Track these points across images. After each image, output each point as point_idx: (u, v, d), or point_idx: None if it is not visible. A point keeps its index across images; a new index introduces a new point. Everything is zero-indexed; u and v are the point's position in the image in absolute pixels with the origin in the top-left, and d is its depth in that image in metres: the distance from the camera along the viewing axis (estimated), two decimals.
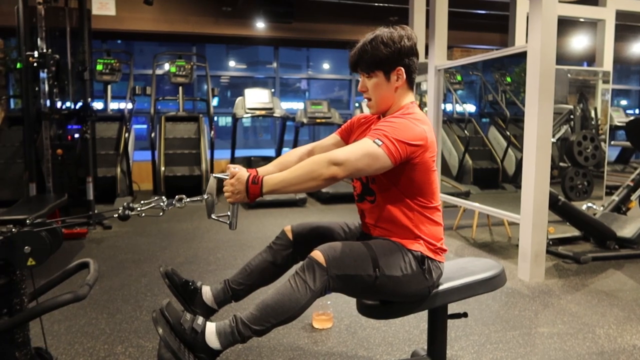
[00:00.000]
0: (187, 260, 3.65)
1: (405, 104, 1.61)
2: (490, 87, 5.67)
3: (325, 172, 1.39)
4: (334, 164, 1.39)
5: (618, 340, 2.35)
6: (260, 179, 1.42)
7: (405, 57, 1.57)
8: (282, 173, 1.44)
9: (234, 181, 1.45)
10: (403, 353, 2.20)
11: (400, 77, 1.58)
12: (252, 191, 1.42)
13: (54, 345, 2.23)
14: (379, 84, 1.59)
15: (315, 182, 1.40)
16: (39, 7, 4.44)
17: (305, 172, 1.40)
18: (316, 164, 1.40)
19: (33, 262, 1.33)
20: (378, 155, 1.42)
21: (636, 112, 14.07)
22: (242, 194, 1.43)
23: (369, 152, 1.42)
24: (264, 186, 1.42)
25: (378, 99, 1.61)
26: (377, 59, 1.56)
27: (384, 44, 1.55)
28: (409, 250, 1.55)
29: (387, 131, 1.45)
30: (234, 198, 1.46)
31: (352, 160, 1.40)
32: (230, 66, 13.72)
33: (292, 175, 1.42)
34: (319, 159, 1.41)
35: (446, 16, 4.48)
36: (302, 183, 1.41)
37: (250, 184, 1.42)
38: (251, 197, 1.43)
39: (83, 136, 4.74)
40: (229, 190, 1.46)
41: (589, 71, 5.62)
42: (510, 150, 5.45)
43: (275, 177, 1.43)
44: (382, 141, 1.43)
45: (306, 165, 1.42)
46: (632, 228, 3.81)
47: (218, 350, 1.44)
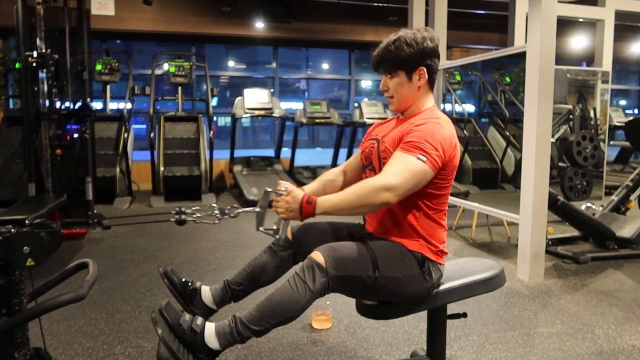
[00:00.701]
0: (186, 260, 3.65)
1: (428, 106, 1.64)
2: (490, 87, 5.67)
3: (377, 199, 1.42)
4: (385, 189, 1.41)
5: (617, 340, 2.35)
6: (314, 200, 1.46)
7: (427, 58, 1.59)
8: (335, 197, 1.47)
9: (289, 199, 1.48)
10: (402, 353, 2.20)
11: (422, 77, 1.60)
12: (305, 211, 1.46)
13: (53, 345, 2.23)
14: (401, 83, 1.61)
15: (368, 208, 1.47)
16: (38, 7, 4.43)
17: (358, 198, 1.44)
18: (368, 191, 1.43)
19: (32, 262, 1.32)
20: (425, 172, 1.46)
21: (635, 112, 14.09)
22: (295, 212, 1.47)
23: (417, 171, 1.45)
24: (317, 207, 1.46)
25: (399, 98, 1.63)
26: (400, 59, 1.58)
27: (407, 44, 1.56)
28: (410, 251, 1.55)
29: (424, 142, 1.47)
30: (287, 215, 1.49)
31: (402, 184, 1.43)
32: (230, 66, 13.72)
33: (345, 200, 1.45)
34: (370, 186, 1.43)
35: (445, 16, 4.48)
36: (354, 209, 1.45)
37: (305, 204, 1.46)
38: (304, 216, 1.47)
39: (82, 136, 4.74)
40: (283, 207, 1.49)
41: (588, 71, 5.62)
42: (510, 150, 5.45)
43: (328, 200, 1.47)
44: (426, 157, 1.46)
45: (359, 191, 1.44)
46: (631, 228, 3.82)
47: (217, 351, 1.44)
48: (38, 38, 4.41)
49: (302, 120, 7.11)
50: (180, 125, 6.83)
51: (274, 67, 10.11)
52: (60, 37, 4.94)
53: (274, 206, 1.52)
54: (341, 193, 1.48)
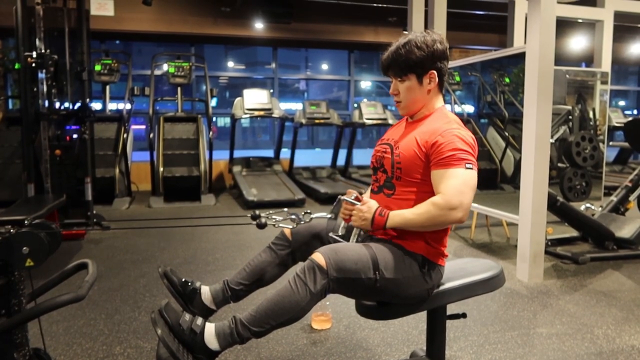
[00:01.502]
0: (185, 260, 3.64)
1: (437, 107, 1.65)
2: (489, 87, 5.68)
3: (447, 219, 1.48)
4: (452, 209, 1.46)
5: (616, 340, 2.36)
6: (387, 214, 1.53)
7: (437, 61, 1.60)
8: (407, 214, 1.52)
9: (365, 208, 1.55)
10: (402, 354, 2.20)
11: (432, 80, 1.61)
12: (377, 222, 1.53)
13: (53, 346, 2.23)
14: (412, 87, 1.61)
15: (440, 226, 1.53)
16: (38, 8, 4.42)
17: (428, 218, 1.49)
18: (437, 212, 1.47)
19: (31, 262, 1.32)
20: (475, 177, 1.53)
21: (634, 113, 14.10)
22: (367, 222, 1.54)
23: (471, 180, 1.51)
24: (389, 221, 1.52)
25: (409, 102, 1.64)
26: (411, 63, 1.58)
27: (418, 47, 1.57)
28: (410, 252, 1.55)
29: (463, 150, 1.51)
30: (359, 224, 1.56)
31: (465, 199, 1.48)
32: (229, 67, 13.72)
33: (415, 218, 1.50)
34: (438, 207, 1.47)
35: (445, 17, 4.49)
36: (424, 227, 1.52)
37: (377, 215, 1.53)
38: (375, 227, 1.54)
39: (81, 137, 4.73)
40: (357, 216, 1.56)
41: (587, 72, 5.62)
42: (509, 151, 5.45)
43: (400, 215, 1.52)
44: (471, 164, 1.51)
45: (428, 211, 1.49)
46: (631, 229, 3.82)
47: (217, 351, 1.44)
48: (37, 38, 4.41)
49: (302, 121, 7.11)
50: (179, 125, 6.83)
51: (274, 67, 10.11)
52: (60, 37, 4.94)
53: (345, 214, 1.60)
54: (412, 211, 1.52)
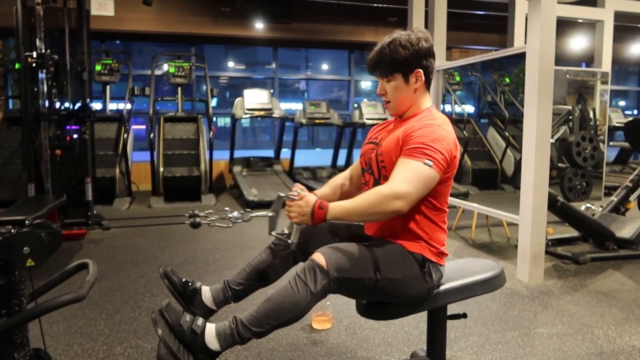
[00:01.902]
0: (186, 260, 3.64)
1: (426, 107, 1.63)
2: (489, 87, 5.68)
3: (388, 207, 1.43)
4: (395, 198, 1.42)
5: (617, 340, 2.35)
6: (326, 206, 1.48)
7: (423, 59, 1.59)
8: (347, 203, 1.48)
9: (302, 203, 1.50)
10: (402, 354, 2.20)
11: (419, 79, 1.60)
12: (317, 215, 1.48)
13: (53, 346, 2.23)
14: (398, 86, 1.60)
15: (379, 216, 1.47)
16: (38, 8, 4.42)
17: (369, 206, 1.44)
18: (379, 199, 1.43)
19: (32, 262, 1.32)
20: (433, 176, 1.47)
21: (635, 113, 14.10)
22: (307, 217, 1.49)
23: (425, 177, 1.46)
24: (329, 213, 1.47)
25: (397, 101, 1.63)
26: (396, 62, 1.57)
27: (403, 46, 1.56)
28: (410, 252, 1.55)
29: (428, 147, 1.47)
30: (299, 219, 1.51)
31: (412, 191, 1.44)
32: (229, 67, 13.71)
33: (356, 207, 1.46)
34: (380, 194, 1.44)
35: (445, 17, 4.48)
36: (365, 216, 1.47)
37: (317, 209, 1.48)
38: (315, 221, 1.49)
39: (82, 137, 4.73)
40: (296, 212, 1.51)
41: (587, 72, 5.62)
42: (509, 151, 5.46)
43: (340, 205, 1.48)
44: (432, 161, 1.46)
45: (369, 198, 1.45)
46: (631, 229, 3.82)
47: (217, 352, 1.44)
48: (38, 38, 4.41)
49: (302, 121, 7.11)
50: (179, 125, 6.83)
51: (274, 67, 10.11)
52: (60, 37, 4.94)
53: (287, 211, 1.54)
54: (353, 200, 1.49)
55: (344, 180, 1.84)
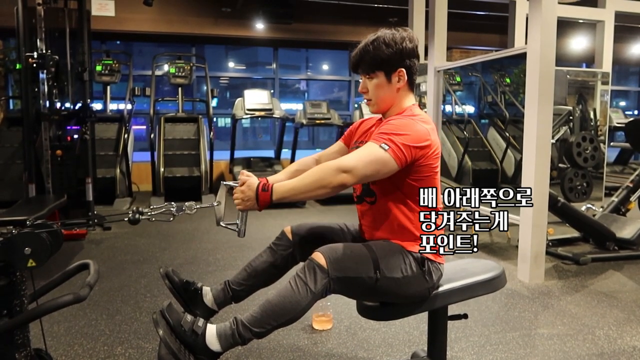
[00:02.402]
0: (186, 261, 3.64)
1: (407, 106, 1.62)
2: (490, 88, 5.68)
3: (334, 179, 1.39)
4: (342, 171, 1.40)
5: (618, 341, 2.35)
6: (270, 187, 1.43)
7: (406, 59, 1.57)
8: (292, 181, 1.45)
9: (244, 188, 1.47)
10: (403, 354, 2.20)
11: (401, 78, 1.59)
12: (262, 198, 1.44)
13: (54, 346, 2.23)
14: (380, 85, 1.59)
15: (325, 189, 1.41)
16: (39, 8, 4.43)
17: (315, 180, 1.41)
18: (325, 172, 1.41)
19: (33, 263, 1.32)
20: (385, 160, 1.43)
21: (635, 113, 14.08)
22: (252, 201, 1.45)
23: (376, 158, 1.42)
24: (274, 193, 1.43)
25: (378, 99, 1.62)
26: (379, 60, 1.56)
27: (386, 44, 1.55)
28: (409, 252, 1.55)
29: (392, 134, 1.45)
30: (244, 205, 1.47)
31: (360, 167, 1.41)
32: (230, 67, 13.71)
33: (301, 183, 1.43)
34: (327, 167, 1.42)
35: (445, 17, 4.48)
36: (311, 191, 1.42)
37: (260, 192, 1.44)
38: (261, 204, 1.45)
39: (82, 137, 4.74)
40: (239, 198, 1.48)
41: (588, 72, 5.63)
42: (510, 151, 5.46)
43: (285, 184, 1.44)
44: (389, 145, 1.43)
45: (315, 173, 1.42)
46: (632, 229, 3.82)
47: (218, 352, 1.44)
48: (38, 39, 4.41)
49: (302, 121, 7.10)
50: (180, 126, 6.83)
51: (274, 68, 10.09)
52: (61, 38, 4.94)
53: (233, 198, 1.50)
54: (298, 177, 1.45)
55: (306, 166, 1.76)
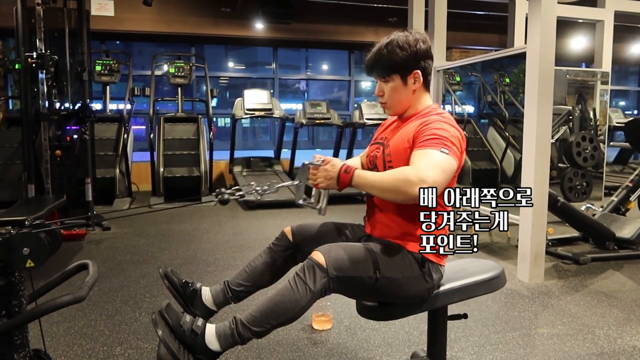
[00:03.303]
0: (186, 261, 3.64)
1: (428, 105, 1.63)
2: (489, 88, 5.68)
3: (412, 190, 1.37)
4: (421, 181, 1.37)
5: (618, 341, 2.35)
6: (352, 170, 1.48)
7: (421, 60, 1.59)
8: (372, 174, 1.49)
9: (329, 167, 1.52)
10: (403, 354, 2.20)
11: (417, 80, 1.60)
12: (342, 179, 1.49)
13: (53, 346, 2.23)
14: (396, 87, 1.60)
15: (400, 197, 1.42)
16: (38, 8, 4.43)
17: (394, 185, 1.41)
18: (405, 180, 1.38)
19: (32, 263, 1.32)
20: (452, 164, 1.46)
21: (635, 113, 14.09)
22: (333, 180, 1.50)
23: (446, 164, 1.43)
24: (354, 178, 1.48)
25: (395, 102, 1.63)
26: (394, 63, 1.57)
27: (400, 47, 1.56)
28: (410, 252, 1.54)
29: (444, 139, 1.47)
30: (326, 184, 1.53)
31: (438, 180, 1.39)
32: (229, 67, 13.70)
33: (381, 181, 1.45)
34: (409, 176, 1.38)
35: (445, 17, 4.48)
36: (387, 192, 1.44)
37: (342, 173, 1.49)
38: (341, 185, 1.50)
39: (82, 137, 4.73)
40: (322, 176, 1.53)
41: (587, 72, 5.63)
42: (509, 151, 5.46)
43: (365, 175, 1.49)
44: (448, 149, 1.45)
45: (396, 176, 1.42)
46: (631, 229, 3.82)
47: (218, 352, 1.44)
48: (38, 39, 4.41)
49: (302, 121, 7.10)
50: (180, 126, 6.83)
51: (274, 68, 10.10)
52: (60, 38, 4.94)
53: (312, 178, 1.56)
54: (379, 173, 1.49)
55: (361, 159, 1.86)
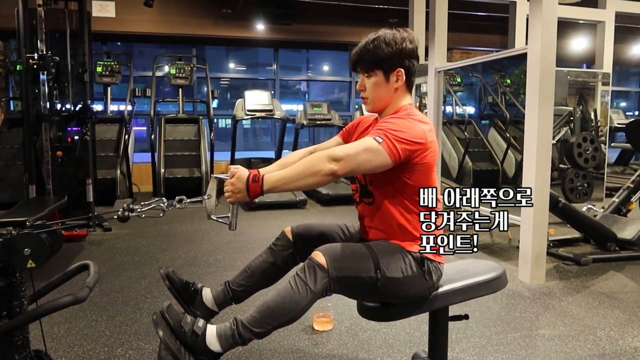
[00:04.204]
0: (187, 262, 3.64)
1: (403, 105, 1.61)
2: (490, 89, 5.68)
3: (325, 167, 1.38)
4: (333, 159, 1.39)
5: (619, 342, 2.35)
6: (260, 177, 1.41)
7: (405, 59, 1.58)
8: (282, 171, 1.44)
9: (234, 180, 1.44)
10: (404, 355, 2.19)
11: (400, 78, 1.59)
12: (252, 189, 1.41)
13: (54, 347, 2.23)
14: (378, 83, 1.59)
15: (315, 177, 1.39)
16: (39, 9, 4.43)
17: (305, 168, 1.40)
18: (316, 160, 1.40)
19: (33, 264, 1.32)
20: (378, 151, 1.42)
21: (636, 114, 14.06)
22: (242, 193, 1.43)
23: (369, 147, 1.42)
24: (265, 184, 1.41)
25: (375, 98, 1.62)
26: (378, 58, 1.56)
27: (386, 43, 1.56)
28: (409, 252, 1.54)
29: (387, 129, 1.45)
30: (234, 197, 1.45)
31: (351, 155, 1.40)
32: (230, 68, 13.71)
33: (292, 172, 1.42)
34: (318, 155, 1.42)
35: (446, 18, 4.48)
36: (302, 179, 1.40)
37: (251, 182, 1.42)
38: (251, 195, 1.42)
39: (83, 138, 4.74)
40: (229, 190, 1.45)
41: (588, 73, 5.63)
42: (510, 152, 5.46)
43: (275, 174, 1.43)
44: (382, 139, 1.43)
45: (305, 161, 1.42)
46: (633, 230, 3.81)
47: (219, 353, 1.44)
48: (39, 40, 4.41)
49: (303, 122, 7.10)
50: (181, 127, 6.84)
51: (275, 69, 10.09)
52: (61, 39, 4.94)
53: (224, 191, 1.48)
54: (288, 168, 1.44)
55: (297, 158, 1.76)
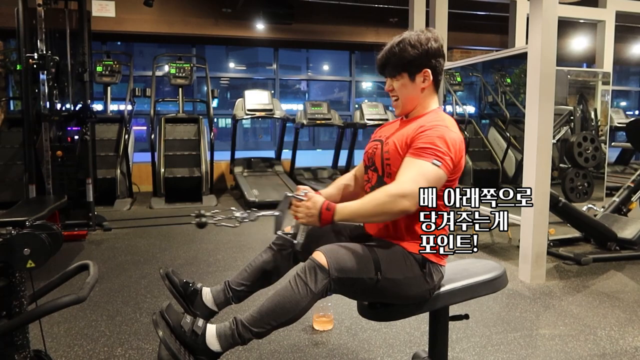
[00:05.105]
0: (187, 261, 3.64)
1: (432, 109, 1.63)
2: (490, 88, 5.67)
3: (396, 207, 1.42)
4: (403, 197, 1.41)
5: (620, 342, 2.35)
6: (333, 207, 1.47)
7: (432, 59, 1.59)
8: (354, 204, 1.48)
9: (310, 204, 1.50)
10: (404, 355, 2.19)
11: (426, 78, 1.60)
12: (324, 217, 1.47)
13: (54, 347, 2.23)
14: (405, 85, 1.61)
15: (387, 216, 1.46)
16: (39, 9, 4.43)
17: (376, 207, 1.43)
18: (386, 199, 1.42)
19: (32, 264, 1.32)
20: (441, 176, 1.46)
21: (636, 113, 14.07)
22: (314, 218, 1.48)
23: (433, 177, 1.45)
24: (336, 214, 1.47)
25: (404, 99, 1.63)
26: (405, 61, 1.57)
27: (412, 45, 1.56)
28: (410, 253, 1.54)
29: (438, 147, 1.47)
30: (307, 220, 1.51)
31: (417, 190, 1.41)
32: (230, 68, 13.72)
33: (363, 208, 1.46)
34: (388, 194, 1.43)
35: (446, 17, 4.48)
36: (373, 216, 1.47)
37: (324, 210, 1.47)
38: (323, 222, 1.48)
39: (83, 138, 4.73)
40: (303, 213, 1.50)
41: (588, 72, 5.63)
42: (510, 152, 5.45)
43: (347, 207, 1.48)
44: (440, 161, 1.45)
45: (377, 199, 1.44)
46: (633, 229, 3.81)
47: (218, 353, 1.44)
48: (39, 40, 4.41)
49: (303, 122, 7.10)
50: (180, 126, 6.83)
51: (275, 68, 10.09)
52: (61, 38, 4.94)
53: (294, 211, 1.54)
54: (360, 201, 1.48)
55: (349, 181, 1.84)
